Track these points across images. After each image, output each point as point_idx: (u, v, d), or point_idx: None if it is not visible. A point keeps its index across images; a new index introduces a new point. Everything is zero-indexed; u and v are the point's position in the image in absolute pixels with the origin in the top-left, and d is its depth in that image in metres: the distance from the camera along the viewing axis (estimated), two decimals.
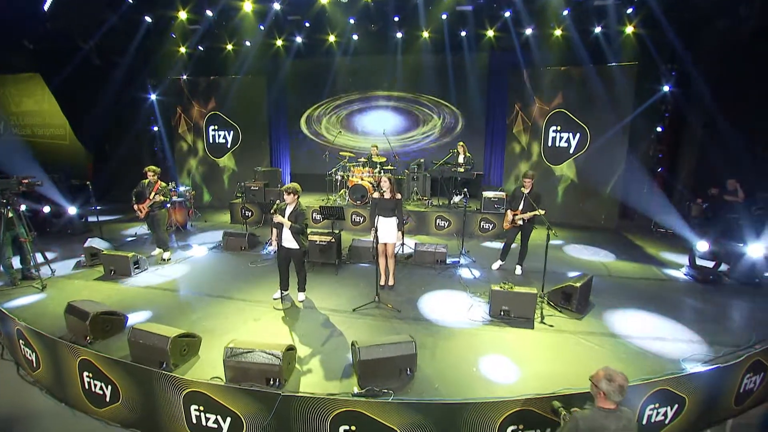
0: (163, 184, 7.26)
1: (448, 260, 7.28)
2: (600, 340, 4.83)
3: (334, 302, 5.73)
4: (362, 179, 9.84)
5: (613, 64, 9.48)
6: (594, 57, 9.70)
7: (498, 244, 8.54)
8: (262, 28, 11.13)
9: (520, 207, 6.56)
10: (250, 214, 10.35)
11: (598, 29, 9.68)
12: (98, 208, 8.71)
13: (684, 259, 7.37)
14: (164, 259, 7.37)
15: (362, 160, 10.30)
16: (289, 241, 5.35)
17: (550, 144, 10.62)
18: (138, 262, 6.72)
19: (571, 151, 10.30)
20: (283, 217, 5.28)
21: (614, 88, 9.42)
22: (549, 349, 4.65)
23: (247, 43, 11.67)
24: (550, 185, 10.52)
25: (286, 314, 5.38)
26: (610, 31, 9.62)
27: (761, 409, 4.13)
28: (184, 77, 12.20)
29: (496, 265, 7.12)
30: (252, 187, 10.23)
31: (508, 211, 6.74)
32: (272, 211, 5.30)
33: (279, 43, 11.65)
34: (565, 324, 5.18)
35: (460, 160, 9.93)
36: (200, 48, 12.01)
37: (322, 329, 4.99)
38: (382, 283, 6.09)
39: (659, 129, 10.05)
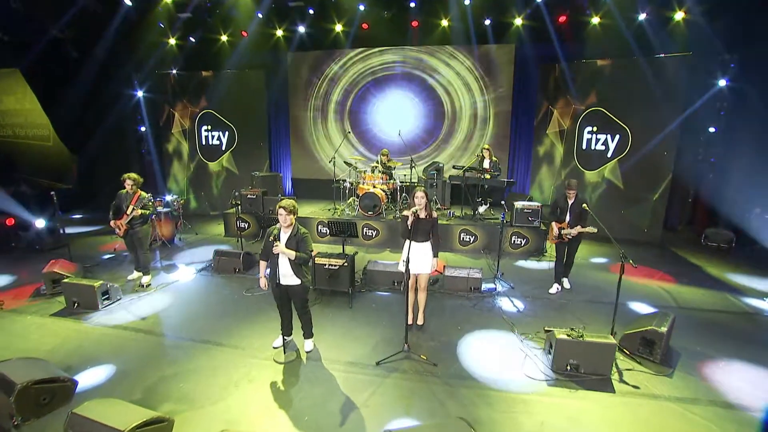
0: (144, 194, 6.06)
1: (483, 286, 6.07)
2: (710, 411, 3.62)
3: (351, 350, 4.52)
4: (374, 187, 8.64)
5: (662, 55, 8.27)
6: (638, 48, 8.51)
7: (535, 264, 7.39)
8: (260, 16, 9.98)
9: (567, 219, 5.65)
10: (246, 226, 9.14)
11: (642, 16, 8.49)
12: (75, 217, 7.54)
13: (763, 284, 6.18)
14: (143, 285, 6.16)
15: (374, 164, 9.08)
16: (289, 277, 4.15)
17: (584, 147, 9.43)
18: (108, 292, 5.51)
19: (609, 154, 9.10)
20: (285, 247, 4.07)
21: (662, 82, 8.22)
22: (645, 426, 3.45)
23: (244, 34, 10.46)
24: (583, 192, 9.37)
25: (290, 371, 4.16)
26: (656, 18, 8.44)
27: None
28: (174, 72, 10.98)
29: (554, 289, 6.11)
30: (248, 195, 9.03)
31: (553, 223, 5.80)
32: (271, 238, 4.07)
33: (279, 33, 10.44)
34: (653, 384, 3.97)
35: (486, 164, 8.73)
36: (191, 39, 10.80)
37: (338, 397, 3.77)
38: (409, 321, 4.88)
39: (712, 129, 8.83)
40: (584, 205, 5.45)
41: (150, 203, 6.08)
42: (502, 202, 7.08)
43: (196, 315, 5.36)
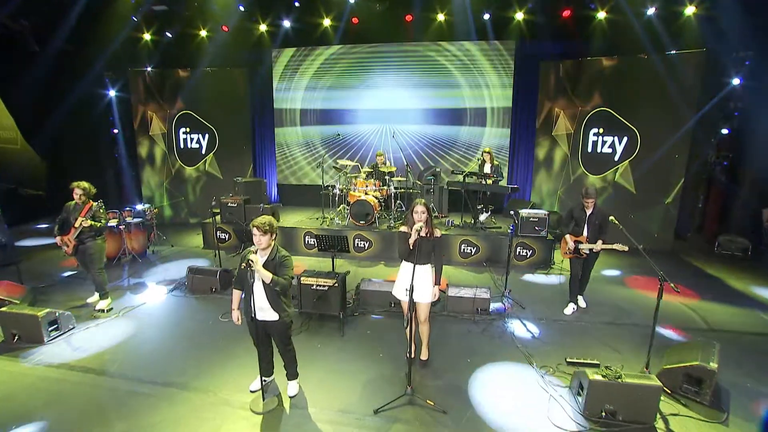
0: (96, 204, 5.27)
1: (491, 306, 5.39)
2: None
3: (344, 393, 3.79)
4: (366, 193, 7.94)
5: (674, 52, 7.73)
6: (647, 45, 7.97)
7: (543, 278, 6.75)
8: (242, 9, 9.22)
9: (585, 233, 5.01)
10: (226, 237, 8.37)
11: (651, 11, 7.95)
12: (41, 227, 6.68)
13: None
14: (100, 311, 5.36)
15: (366, 169, 8.37)
16: (266, 311, 3.42)
17: (590, 150, 8.86)
18: (57, 321, 4.70)
19: (617, 158, 8.55)
20: (261, 266, 3.34)
21: (674, 81, 7.69)
22: None
23: (225, 29, 9.69)
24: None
25: (270, 425, 3.41)
26: (665, 13, 7.91)
27: None
28: (149, 69, 10.15)
29: (569, 310, 5.44)
30: (229, 204, 8.26)
31: (567, 236, 5.13)
32: (243, 264, 3.31)
33: (263, 28, 9.70)
34: None
35: (487, 169, 8.10)
36: (168, 35, 9.99)
37: None
38: (411, 354, 4.16)
39: (725, 131, 8.32)
40: (611, 218, 4.75)
41: (102, 213, 5.29)
42: (512, 212, 6.39)
43: (161, 348, 4.58)
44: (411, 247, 3.70)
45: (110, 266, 7.19)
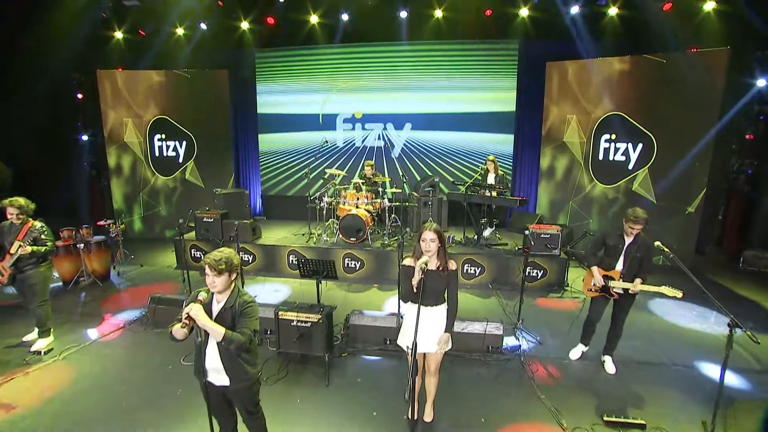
0: (38, 224, 4.42)
1: (504, 343, 4.59)
2: None
3: None
4: (357, 207, 7.14)
5: (694, 50, 7.06)
6: (663, 43, 7.32)
7: (558, 302, 5.96)
8: (221, 4, 8.44)
9: (619, 266, 3.96)
10: (201, 256, 7.49)
11: (667, 6, 7.30)
12: None
13: None
14: (36, 353, 4.47)
15: (356, 181, 7.58)
16: (221, 374, 2.59)
17: (601, 158, 8.15)
18: None
19: (631, 166, 7.84)
20: (209, 319, 2.50)
21: (693, 82, 7.02)
22: None
23: (203, 26, 8.89)
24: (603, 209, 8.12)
25: None
26: (683, 8, 7.26)
27: None
28: (120, 70, 9.29)
29: (576, 354, 4.48)
30: (205, 219, 7.41)
31: (594, 268, 4.10)
32: (184, 315, 2.45)
33: (245, 25, 8.90)
34: None
35: (491, 179, 7.34)
36: (141, 33, 9.16)
37: None
38: (413, 416, 3.33)
39: (749, 136, 7.65)
40: (657, 243, 3.61)
41: (46, 235, 4.43)
42: (527, 232, 5.61)
43: (101, 404, 3.70)
44: (415, 289, 2.89)
45: (65, 291, 6.34)
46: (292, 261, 7.04)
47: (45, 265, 4.55)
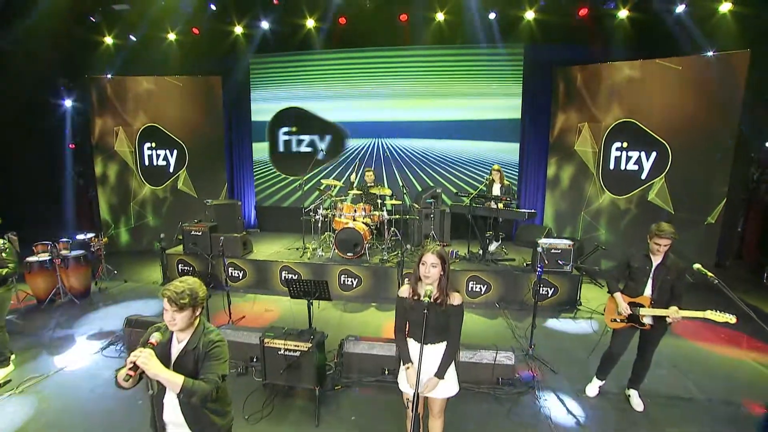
0: (2, 241, 4.00)
1: (516, 372, 4.11)
2: None
3: None
4: (354, 219, 6.71)
5: (711, 53, 6.67)
6: (677, 46, 6.95)
7: (572, 325, 5.50)
8: (213, 8, 8.11)
9: (647, 291, 3.43)
10: (190, 271, 7.06)
11: (680, 8, 6.94)
12: None
13: None
14: None
15: (353, 191, 7.15)
16: (182, 427, 2.14)
17: (611, 167, 7.73)
18: None
19: (644, 175, 7.41)
20: (167, 364, 2.05)
21: (712, 86, 6.64)
22: None
23: (195, 31, 8.55)
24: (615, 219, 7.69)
25: None
26: (698, 10, 6.90)
27: None
28: (109, 76, 8.94)
29: (593, 390, 3.93)
30: (193, 232, 6.97)
31: (617, 294, 3.57)
32: (129, 363, 1.98)
33: (238, 30, 8.56)
34: None
35: (496, 190, 6.91)
36: (132, 38, 8.81)
37: None
38: None
39: None
40: (697, 266, 3.13)
41: (7, 254, 3.99)
42: (540, 249, 5.17)
43: None
44: (404, 325, 2.44)
45: (38, 311, 5.89)
46: (285, 277, 6.58)
47: (4, 288, 4.10)
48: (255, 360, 4.41)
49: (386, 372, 4.13)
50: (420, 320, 2.34)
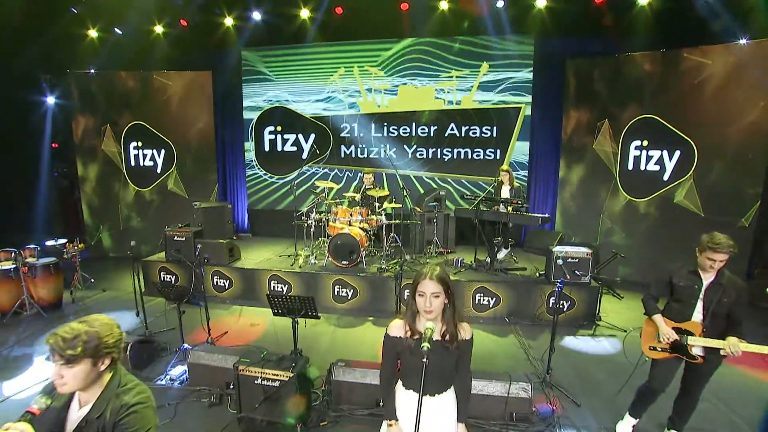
0: None
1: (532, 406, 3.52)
2: None
3: None
4: (350, 225, 6.14)
5: (743, 41, 6.06)
6: (702, 36, 6.35)
7: (592, 344, 4.90)
8: None
9: (697, 315, 2.81)
10: (173, 280, 6.52)
11: None
12: None
13: None
14: None
15: (350, 195, 6.59)
16: None
17: (630, 167, 7.14)
18: None
19: (666, 176, 6.82)
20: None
21: (742, 78, 6.04)
22: None
23: (183, 23, 8.03)
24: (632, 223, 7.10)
25: None
26: None
27: None
28: (92, 71, 8.43)
29: (625, 430, 3.28)
30: (176, 237, 6.43)
31: (657, 317, 2.93)
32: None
33: (229, 22, 8.02)
34: None
35: (505, 193, 6.33)
36: (117, 31, 8.30)
37: None
38: None
39: None
40: (739, 292, 2.66)
41: None
42: (559, 261, 4.59)
43: None
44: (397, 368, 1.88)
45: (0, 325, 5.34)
46: (275, 287, 6.02)
47: None
48: (231, 386, 3.85)
49: (381, 404, 3.55)
50: (420, 367, 1.76)
